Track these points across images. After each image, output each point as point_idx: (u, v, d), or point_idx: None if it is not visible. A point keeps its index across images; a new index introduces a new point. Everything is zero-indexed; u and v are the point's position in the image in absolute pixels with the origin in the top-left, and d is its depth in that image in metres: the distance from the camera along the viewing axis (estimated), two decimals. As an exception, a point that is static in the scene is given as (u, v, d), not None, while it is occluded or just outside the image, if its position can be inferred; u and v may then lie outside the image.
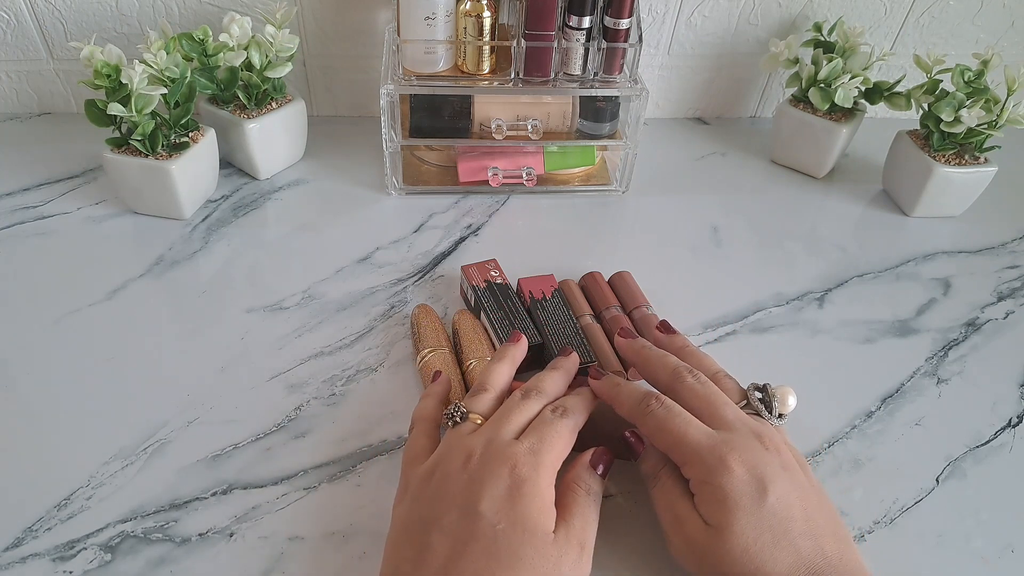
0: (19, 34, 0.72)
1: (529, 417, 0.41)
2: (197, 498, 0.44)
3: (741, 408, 0.42)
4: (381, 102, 0.64)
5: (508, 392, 0.45)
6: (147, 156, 0.60)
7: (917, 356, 0.58)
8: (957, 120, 0.66)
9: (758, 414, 0.42)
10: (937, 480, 0.49)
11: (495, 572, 0.34)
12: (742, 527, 0.37)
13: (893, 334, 0.59)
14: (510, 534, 0.35)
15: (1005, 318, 0.62)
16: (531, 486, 0.37)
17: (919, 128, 0.71)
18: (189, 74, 0.61)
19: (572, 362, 0.47)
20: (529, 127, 0.68)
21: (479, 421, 0.41)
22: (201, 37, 0.63)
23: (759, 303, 0.61)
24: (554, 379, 0.45)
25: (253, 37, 0.64)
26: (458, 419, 0.41)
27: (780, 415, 0.42)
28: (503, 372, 0.46)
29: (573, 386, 0.46)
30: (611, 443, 0.45)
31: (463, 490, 0.37)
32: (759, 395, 0.43)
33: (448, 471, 0.38)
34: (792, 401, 0.43)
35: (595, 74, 0.66)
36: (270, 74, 0.65)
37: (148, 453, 0.47)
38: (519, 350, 0.48)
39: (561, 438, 0.40)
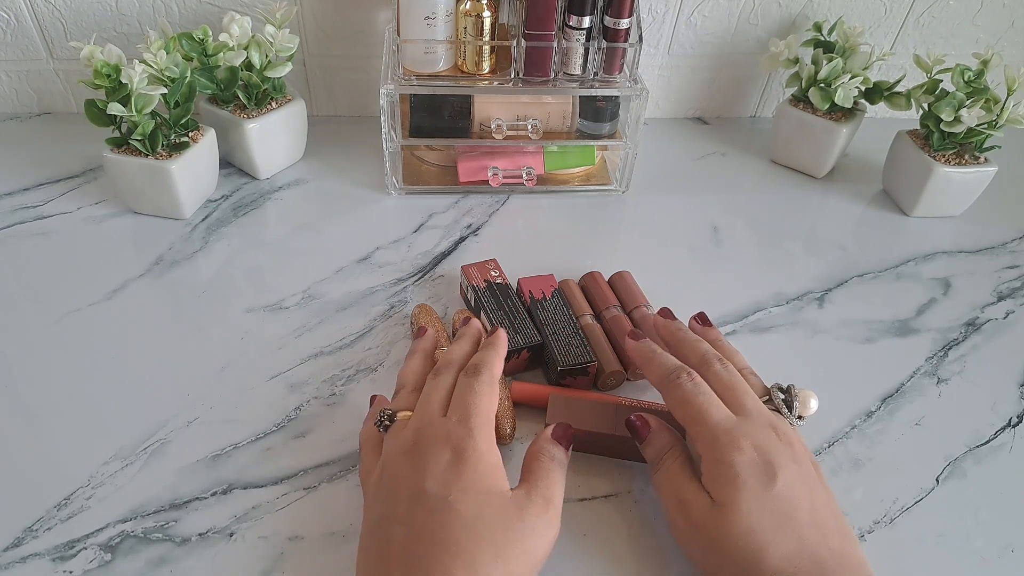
0: (19, 34, 0.72)
1: (447, 389, 0.42)
2: (197, 498, 0.44)
3: (763, 403, 0.43)
4: (381, 102, 0.64)
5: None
6: (147, 156, 0.60)
7: (917, 356, 0.58)
8: (957, 120, 0.66)
9: (778, 411, 0.43)
10: (937, 480, 0.49)
11: (455, 536, 0.35)
12: (748, 506, 0.37)
13: (893, 334, 0.59)
14: (463, 499, 0.36)
15: (1005, 318, 0.62)
16: (471, 451, 0.38)
17: (919, 128, 0.71)
18: (189, 74, 0.61)
19: (473, 327, 0.49)
20: (529, 127, 0.68)
21: (408, 415, 0.42)
22: (201, 37, 0.63)
23: (759, 303, 0.61)
24: (459, 346, 0.46)
25: (253, 37, 0.64)
26: (387, 423, 0.42)
27: (800, 416, 0.43)
28: (414, 367, 0.46)
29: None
30: (606, 442, 0.45)
31: (407, 478, 0.38)
32: (781, 395, 0.44)
33: (393, 468, 0.39)
34: (814, 404, 0.43)
35: (595, 74, 0.65)
36: (270, 74, 0.65)
37: (148, 453, 0.47)
38: (427, 342, 0.49)
39: (482, 396, 0.41)
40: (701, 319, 0.50)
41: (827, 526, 0.37)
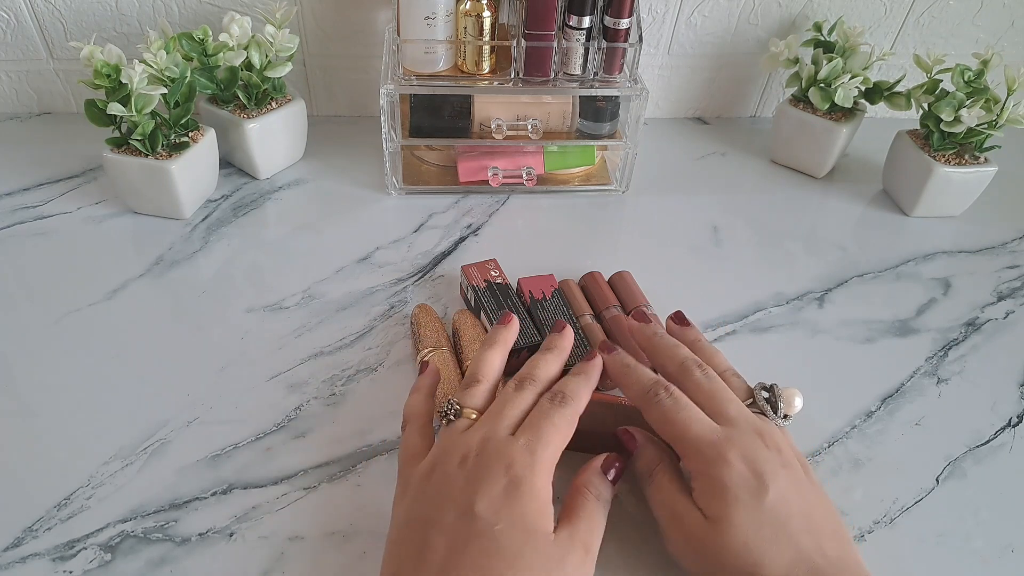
0: (19, 34, 0.72)
1: (525, 409, 0.41)
2: (197, 498, 0.44)
3: (748, 406, 0.42)
4: (381, 102, 0.64)
5: (502, 379, 0.44)
6: (147, 156, 0.60)
7: (917, 356, 0.58)
8: (957, 120, 0.66)
9: (763, 413, 0.42)
10: (937, 480, 0.49)
11: (496, 570, 0.34)
12: (741, 520, 0.37)
13: (893, 334, 0.59)
14: (509, 534, 0.35)
15: (1005, 318, 0.62)
16: (528, 486, 0.37)
17: (919, 128, 0.71)
18: (189, 74, 0.61)
19: (566, 339, 0.46)
20: (529, 127, 0.68)
21: (473, 416, 0.41)
22: (201, 37, 0.63)
23: (759, 303, 0.61)
24: (548, 363, 0.44)
25: (253, 37, 0.64)
26: (452, 416, 0.41)
27: (785, 416, 0.42)
28: (494, 360, 0.44)
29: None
30: (601, 441, 0.45)
31: (460, 490, 0.37)
32: (765, 395, 0.43)
33: (446, 471, 0.38)
34: (798, 403, 0.43)
35: (595, 74, 0.65)
36: (270, 74, 0.65)
37: (148, 453, 0.47)
38: (510, 332, 0.46)
39: (559, 431, 0.39)
40: (678, 319, 0.49)
41: (822, 531, 0.37)
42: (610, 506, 0.40)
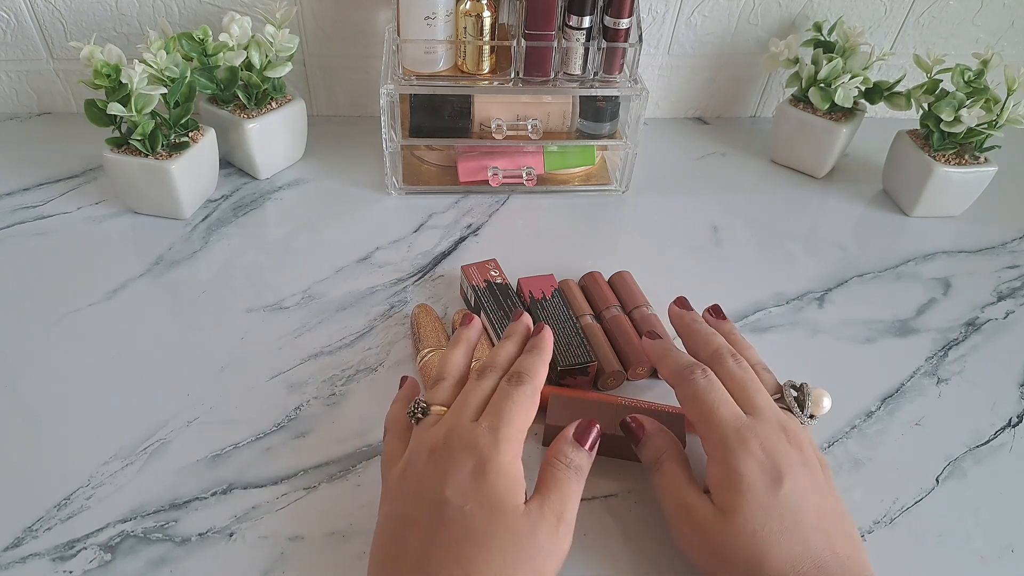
0: (19, 34, 0.72)
1: (487, 394, 0.41)
2: (197, 498, 0.44)
3: (775, 400, 0.42)
4: (381, 102, 0.64)
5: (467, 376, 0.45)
6: (147, 156, 0.60)
7: (917, 356, 0.58)
8: (957, 120, 0.66)
9: (789, 410, 0.42)
10: (937, 480, 0.49)
11: (467, 552, 0.35)
12: (752, 510, 0.37)
13: (893, 334, 0.59)
14: (478, 513, 0.36)
15: (1005, 318, 0.62)
16: (494, 464, 0.37)
17: (919, 128, 0.71)
18: (189, 74, 0.61)
19: (522, 325, 0.47)
20: (529, 127, 0.68)
21: (442, 412, 0.41)
22: (201, 37, 0.63)
23: (759, 303, 0.61)
24: (506, 349, 0.45)
25: (253, 37, 0.64)
26: (420, 415, 0.41)
27: (812, 415, 0.43)
28: (457, 358, 0.45)
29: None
30: (606, 444, 0.45)
31: (430, 482, 0.37)
32: (794, 392, 0.43)
33: (417, 466, 0.38)
34: (827, 403, 0.43)
35: (595, 74, 0.65)
36: (270, 74, 0.65)
37: (148, 453, 0.47)
38: (472, 332, 0.47)
39: (520, 407, 0.40)
40: (715, 311, 0.50)
41: (833, 531, 0.37)
42: (586, 474, 0.40)
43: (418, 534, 0.36)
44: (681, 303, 0.50)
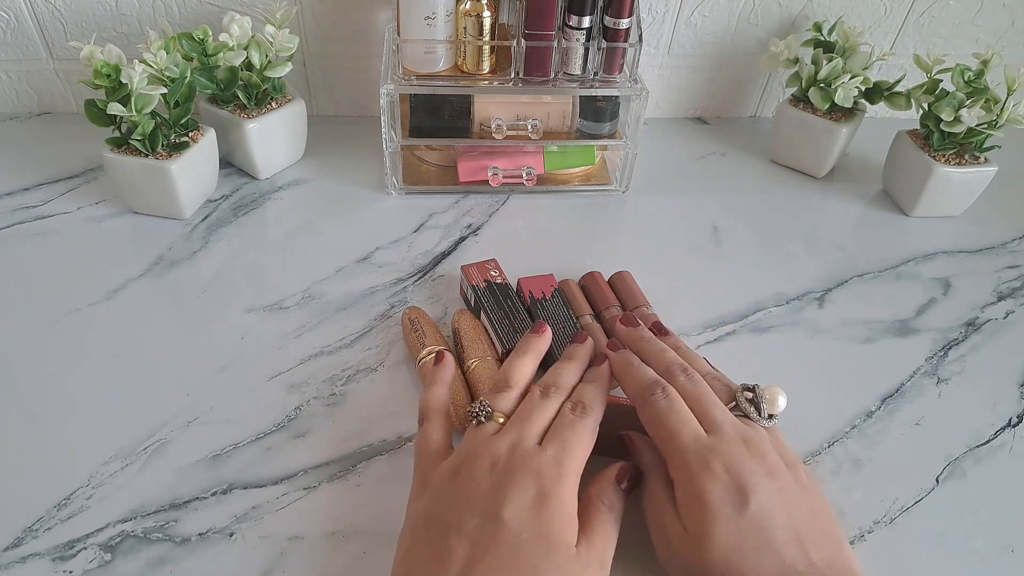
0: (19, 34, 0.72)
1: (550, 416, 0.41)
2: (197, 498, 0.44)
3: (731, 409, 0.42)
4: (381, 102, 0.64)
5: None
6: (147, 156, 0.60)
7: (917, 356, 0.58)
8: (957, 120, 0.66)
9: (747, 415, 0.42)
10: (937, 480, 0.49)
11: None
12: (721, 535, 0.36)
13: (893, 334, 0.59)
14: (532, 545, 0.35)
15: (1005, 318, 0.62)
16: (556, 498, 0.37)
17: (919, 128, 0.71)
18: (189, 74, 0.61)
19: (587, 349, 0.47)
20: (529, 127, 0.68)
21: (501, 420, 0.41)
22: (201, 37, 0.63)
23: (759, 303, 0.61)
24: (571, 371, 0.45)
25: (253, 37, 0.64)
26: (483, 418, 0.41)
27: (770, 416, 0.42)
28: (527, 367, 0.45)
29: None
30: (607, 444, 0.45)
31: (487, 496, 0.37)
32: (749, 395, 0.43)
33: (472, 474, 0.38)
34: (782, 401, 0.42)
35: (595, 74, 0.65)
36: (270, 74, 0.65)
37: (148, 453, 0.47)
38: (543, 342, 0.47)
39: (583, 442, 0.40)
40: (657, 328, 0.49)
41: (808, 537, 0.37)
42: (621, 518, 0.40)
43: (465, 546, 0.35)
44: (627, 320, 0.49)
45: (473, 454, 0.39)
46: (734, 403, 0.43)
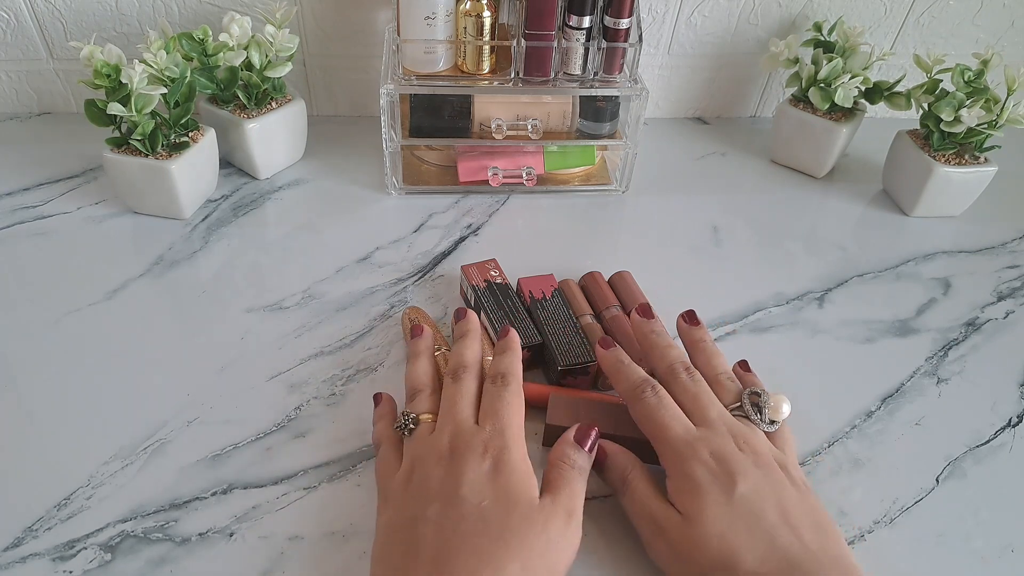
0: (19, 34, 0.72)
1: (472, 394, 0.43)
2: (197, 498, 0.44)
3: (734, 410, 0.43)
4: (381, 102, 0.64)
5: (439, 381, 0.47)
6: (147, 156, 0.60)
7: (917, 356, 0.58)
8: (957, 120, 0.66)
9: (748, 417, 0.43)
10: (937, 480, 0.49)
11: (485, 545, 0.35)
12: (714, 514, 0.37)
13: (893, 334, 0.59)
14: (495, 507, 0.37)
15: (1005, 318, 0.62)
16: (507, 464, 0.39)
17: (919, 128, 0.71)
18: (189, 74, 0.61)
19: (471, 321, 0.49)
20: (529, 127, 0.68)
21: (429, 418, 0.43)
22: (201, 37, 0.63)
23: (759, 303, 0.61)
24: (469, 347, 0.47)
25: (253, 37, 0.64)
26: (412, 426, 0.43)
27: (772, 421, 0.43)
28: (422, 368, 0.47)
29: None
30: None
31: (442, 483, 0.38)
32: (753, 400, 0.43)
33: (425, 473, 0.39)
34: (786, 409, 0.43)
35: (595, 74, 0.65)
36: (270, 74, 0.65)
37: (148, 453, 0.47)
38: (428, 341, 0.49)
39: (515, 409, 0.42)
40: (688, 317, 0.49)
41: (800, 525, 0.37)
42: (588, 475, 0.42)
43: (432, 531, 0.36)
44: (643, 311, 0.49)
45: (419, 457, 0.40)
46: (738, 404, 0.43)
